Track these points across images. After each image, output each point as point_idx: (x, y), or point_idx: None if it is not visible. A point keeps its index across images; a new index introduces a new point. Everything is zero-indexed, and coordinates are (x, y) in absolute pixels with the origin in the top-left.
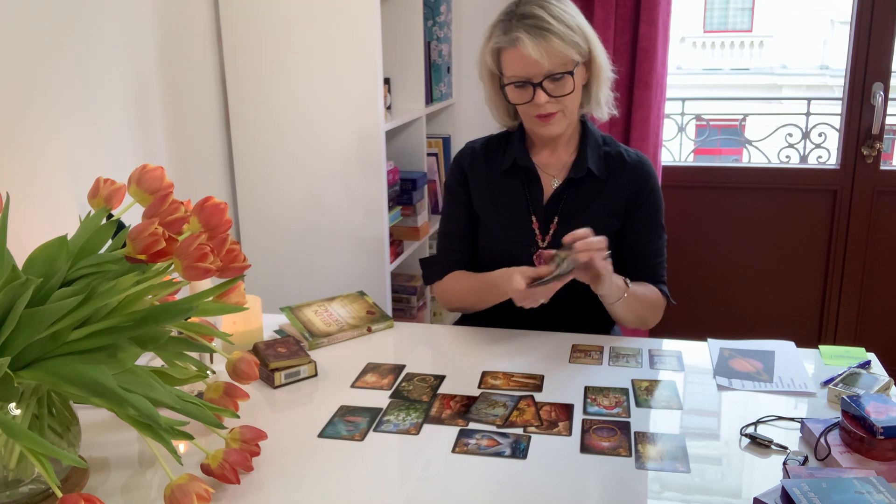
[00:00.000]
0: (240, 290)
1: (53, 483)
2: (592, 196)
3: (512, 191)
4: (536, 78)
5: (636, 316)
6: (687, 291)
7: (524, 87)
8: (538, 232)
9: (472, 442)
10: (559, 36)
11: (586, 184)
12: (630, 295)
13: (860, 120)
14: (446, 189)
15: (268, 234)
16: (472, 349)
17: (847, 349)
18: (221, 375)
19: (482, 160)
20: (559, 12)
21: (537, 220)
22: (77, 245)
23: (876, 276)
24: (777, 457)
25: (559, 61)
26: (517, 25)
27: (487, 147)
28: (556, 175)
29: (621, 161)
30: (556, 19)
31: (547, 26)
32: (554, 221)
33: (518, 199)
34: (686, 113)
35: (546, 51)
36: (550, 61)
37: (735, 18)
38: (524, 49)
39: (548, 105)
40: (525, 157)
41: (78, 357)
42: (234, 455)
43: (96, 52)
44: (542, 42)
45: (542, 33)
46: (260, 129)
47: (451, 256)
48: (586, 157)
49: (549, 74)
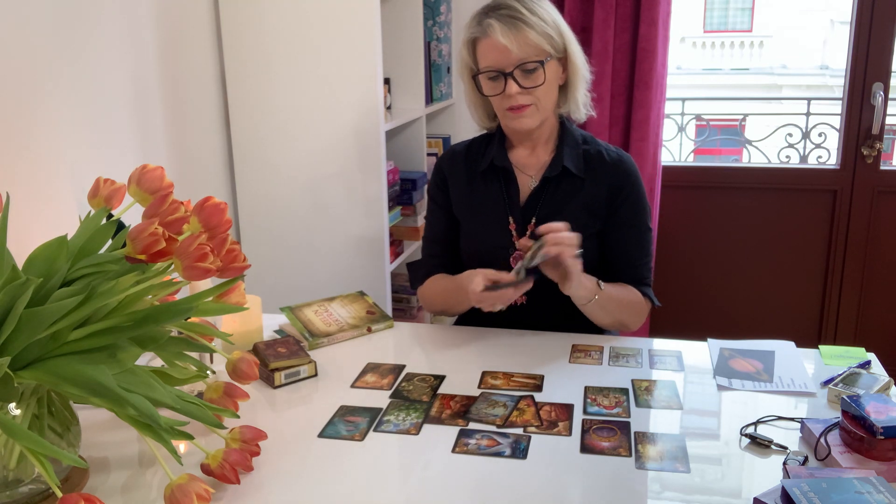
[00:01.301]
0: (240, 290)
1: (53, 483)
2: (571, 195)
3: (490, 192)
4: (508, 67)
5: (612, 318)
6: (687, 291)
7: (497, 78)
8: (515, 233)
9: (472, 442)
10: (530, 25)
11: (565, 183)
12: (603, 296)
13: (860, 120)
14: (428, 194)
15: (268, 234)
16: (472, 349)
17: (847, 349)
18: (221, 375)
19: (462, 163)
20: (534, 6)
21: (514, 221)
22: (77, 245)
23: (876, 276)
24: (777, 457)
25: (530, 50)
26: (490, 16)
27: (469, 149)
28: (534, 175)
29: (601, 159)
30: (529, 11)
31: (519, 16)
32: (531, 222)
33: (496, 200)
34: (686, 113)
35: (516, 38)
36: (521, 49)
37: (735, 18)
38: (494, 35)
39: (519, 97)
40: (502, 157)
41: (78, 357)
42: (234, 455)
43: (96, 52)
44: (512, 30)
45: (513, 22)
46: (260, 129)
47: (433, 261)
48: (563, 155)
49: (520, 63)
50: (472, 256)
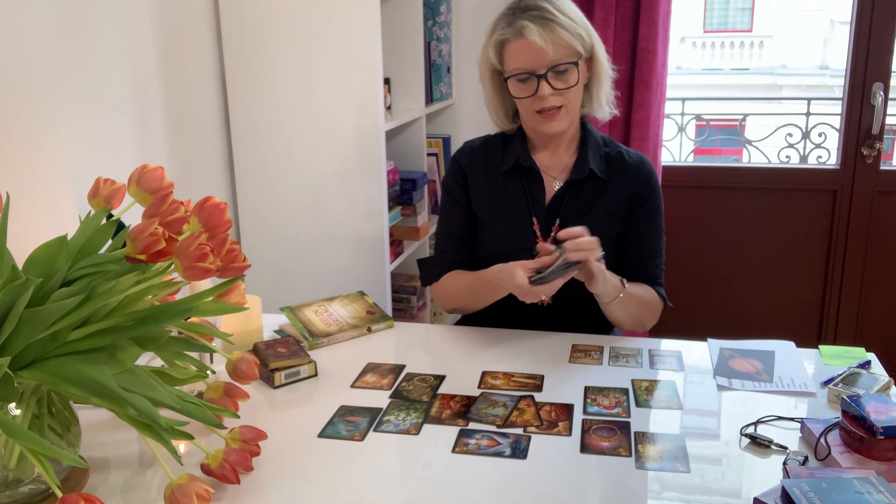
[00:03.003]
0: (240, 290)
1: (53, 483)
2: (594, 197)
3: (513, 192)
4: (540, 69)
5: (632, 317)
6: (687, 291)
7: (528, 80)
8: (539, 234)
9: (472, 442)
10: (564, 26)
11: (588, 185)
12: (626, 295)
13: (860, 120)
14: (444, 189)
15: (268, 234)
16: (472, 349)
17: (847, 349)
18: (221, 375)
19: (482, 160)
20: (562, 6)
21: (538, 222)
22: (77, 245)
23: (876, 276)
24: (777, 457)
25: (564, 52)
26: (522, 16)
27: (486, 147)
28: (557, 176)
29: (622, 161)
30: (560, 11)
31: (552, 17)
32: (556, 223)
33: (519, 200)
34: (686, 113)
35: (551, 39)
36: (556, 51)
37: (735, 18)
38: (530, 36)
39: (552, 98)
40: (528, 158)
41: (78, 357)
42: (234, 455)
43: (96, 51)
44: (547, 31)
45: (547, 23)
46: (260, 129)
47: (449, 258)
48: (587, 157)
49: (554, 65)
50: (493, 256)
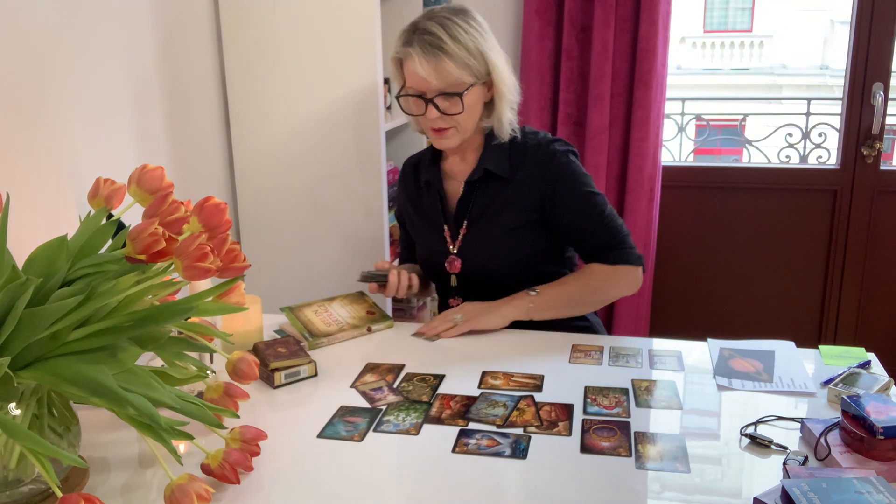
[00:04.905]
0: (240, 290)
1: (53, 483)
2: (499, 195)
3: (429, 201)
4: (429, 94)
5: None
6: (687, 291)
7: (419, 99)
8: (449, 239)
9: (472, 442)
10: (451, 56)
11: (492, 185)
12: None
13: (860, 120)
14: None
15: (268, 235)
16: (472, 349)
17: (847, 349)
18: (221, 375)
19: (412, 175)
20: (458, 33)
21: (448, 228)
22: (77, 245)
23: (876, 276)
24: (777, 457)
25: (450, 81)
26: (414, 39)
27: (420, 162)
28: (462, 181)
29: (523, 152)
30: (452, 39)
31: (440, 45)
32: (463, 226)
33: (434, 208)
34: (686, 113)
35: (435, 69)
36: (440, 80)
37: (735, 18)
38: (413, 65)
39: (438, 121)
40: (429, 169)
41: (78, 357)
42: (234, 455)
43: (96, 51)
44: (432, 60)
45: (434, 52)
46: (260, 129)
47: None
48: (486, 158)
49: (441, 92)
50: (422, 263)
